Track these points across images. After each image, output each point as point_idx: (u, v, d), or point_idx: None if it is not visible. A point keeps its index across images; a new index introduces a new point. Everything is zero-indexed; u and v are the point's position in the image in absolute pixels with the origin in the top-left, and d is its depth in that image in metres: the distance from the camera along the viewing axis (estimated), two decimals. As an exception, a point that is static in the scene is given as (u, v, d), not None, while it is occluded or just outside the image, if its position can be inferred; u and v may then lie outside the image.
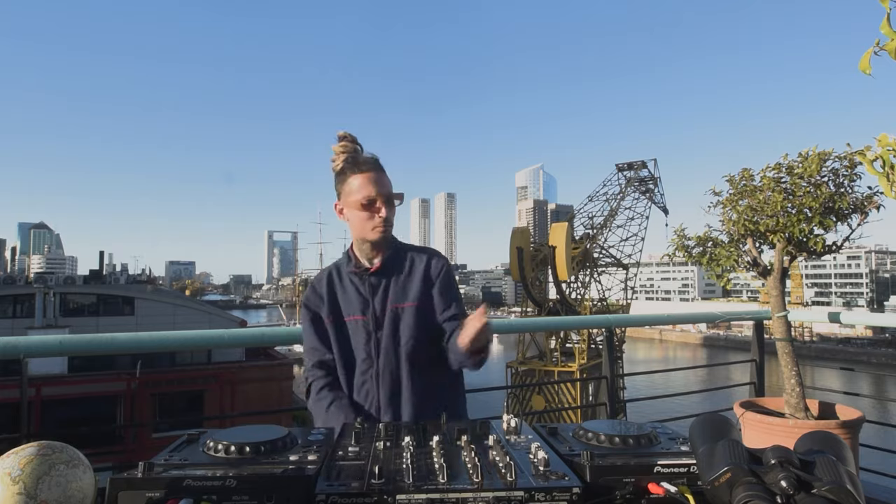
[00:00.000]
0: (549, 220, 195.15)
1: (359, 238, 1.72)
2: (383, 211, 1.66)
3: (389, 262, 1.72)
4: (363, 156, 1.71)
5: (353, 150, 1.72)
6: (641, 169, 30.88)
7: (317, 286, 1.78)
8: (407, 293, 1.69)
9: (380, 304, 1.68)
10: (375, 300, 1.69)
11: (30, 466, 0.82)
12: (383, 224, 1.67)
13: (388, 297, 1.69)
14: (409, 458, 0.86)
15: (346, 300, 1.71)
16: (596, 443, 1.01)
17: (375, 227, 1.67)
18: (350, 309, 1.70)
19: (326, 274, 1.80)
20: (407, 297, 1.68)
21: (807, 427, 3.00)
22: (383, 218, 1.66)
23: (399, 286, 1.70)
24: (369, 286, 1.70)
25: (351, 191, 1.66)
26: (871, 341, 64.85)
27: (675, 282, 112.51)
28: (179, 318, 22.27)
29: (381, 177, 1.69)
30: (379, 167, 1.70)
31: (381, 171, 1.70)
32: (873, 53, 1.61)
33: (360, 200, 1.65)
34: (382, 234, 1.68)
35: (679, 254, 3.64)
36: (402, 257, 1.75)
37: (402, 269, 1.72)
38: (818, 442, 0.79)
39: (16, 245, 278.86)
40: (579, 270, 28.21)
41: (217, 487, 0.80)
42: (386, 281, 1.70)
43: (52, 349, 2.16)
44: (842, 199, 3.05)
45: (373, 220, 1.66)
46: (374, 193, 1.65)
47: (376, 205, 1.66)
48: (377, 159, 1.72)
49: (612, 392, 3.30)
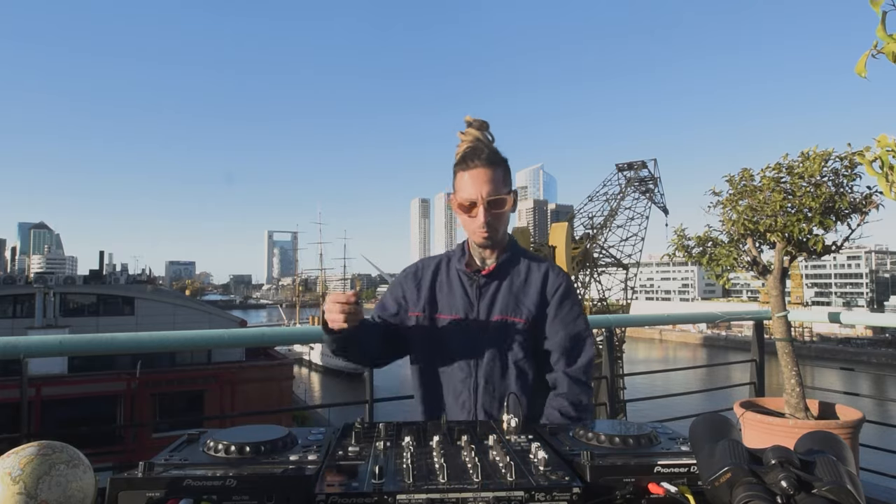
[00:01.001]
0: (549, 219, 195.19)
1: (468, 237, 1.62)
2: (481, 216, 1.51)
3: (504, 266, 1.60)
4: (480, 148, 1.56)
5: (476, 140, 1.59)
6: (641, 169, 30.87)
7: (420, 274, 1.65)
8: (519, 306, 1.56)
9: (485, 311, 1.55)
10: (481, 305, 1.56)
11: (30, 466, 0.82)
12: (484, 229, 1.52)
13: (495, 305, 1.56)
14: (410, 458, 0.86)
15: (448, 296, 1.59)
16: (596, 443, 1.01)
17: (476, 232, 1.55)
18: (450, 307, 1.57)
19: (434, 263, 1.67)
20: (518, 310, 1.55)
21: (807, 427, 3.00)
22: (482, 223, 1.52)
23: (511, 296, 1.57)
24: (477, 288, 1.57)
25: (456, 188, 1.56)
26: (871, 341, 64.82)
27: (675, 282, 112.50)
28: (179, 318, 22.28)
29: (489, 175, 1.52)
30: (491, 163, 1.53)
31: (490, 168, 1.53)
32: (871, 56, 1.61)
33: (459, 202, 1.55)
34: (484, 239, 1.55)
35: (679, 254, 3.64)
36: (517, 264, 1.61)
37: (516, 278, 1.59)
38: (818, 442, 0.79)
39: (16, 245, 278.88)
40: (579, 270, 28.21)
41: (217, 487, 0.80)
42: (496, 287, 1.58)
43: (52, 349, 2.16)
44: (841, 199, 3.05)
45: (473, 223, 1.54)
46: (473, 196, 1.51)
47: (476, 207, 1.53)
48: (492, 153, 1.55)
49: (612, 392, 3.31)
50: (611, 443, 1.00)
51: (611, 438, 1.00)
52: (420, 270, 1.67)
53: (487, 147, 1.58)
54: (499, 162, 1.55)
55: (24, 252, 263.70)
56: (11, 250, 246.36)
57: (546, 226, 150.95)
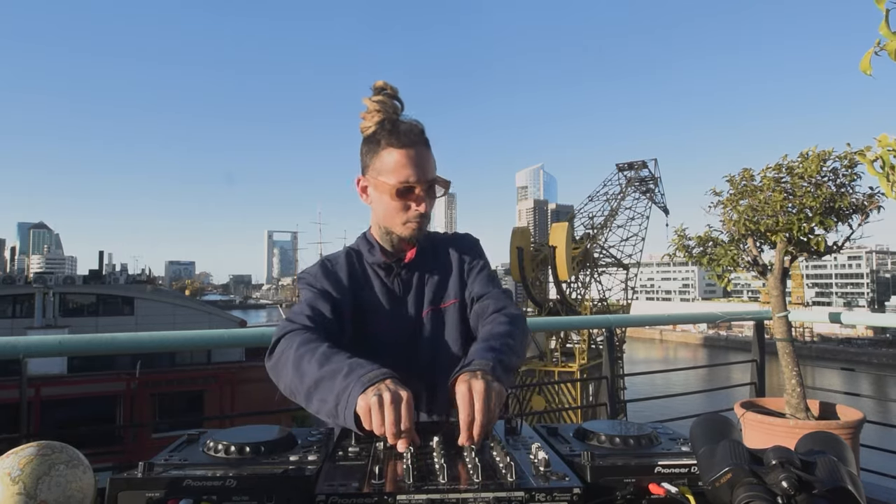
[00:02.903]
0: (550, 219, 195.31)
1: (383, 226, 1.37)
2: (423, 204, 1.30)
3: (423, 253, 1.40)
4: (405, 121, 1.32)
5: (393, 109, 1.33)
6: (642, 169, 30.88)
7: (333, 267, 1.38)
8: (447, 290, 1.39)
9: (414, 305, 1.37)
10: (409, 299, 1.37)
11: (29, 466, 0.82)
12: (419, 219, 1.32)
13: (423, 297, 1.38)
14: (410, 459, 0.85)
15: (370, 295, 1.36)
16: (596, 443, 1.01)
17: (408, 222, 1.32)
18: (375, 309, 1.35)
19: (345, 255, 1.41)
20: (447, 294, 1.39)
21: (808, 427, 3.00)
22: (422, 211, 1.30)
23: (437, 283, 1.39)
24: (400, 283, 1.38)
25: (383, 168, 1.28)
26: (872, 341, 64.84)
27: (675, 282, 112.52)
28: (179, 318, 22.29)
29: (426, 155, 1.30)
30: (424, 141, 1.31)
31: (426, 147, 1.31)
32: (874, 54, 1.61)
33: (394, 185, 1.27)
34: (416, 230, 1.33)
35: (679, 254, 3.64)
36: (434, 248, 1.44)
37: (436, 262, 1.42)
38: (819, 442, 0.79)
39: (15, 245, 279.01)
40: (579, 270, 28.21)
41: (217, 488, 0.80)
42: (419, 277, 1.39)
43: (51, 349, 2.16)
44: (842, 199, 3.05)
45: (406, 213, 1.31)
46: (413, 179, 1.27)
47: (415, 193, 1.29)
48: (423, 129, 1.32)
49: (613, 392, 3.30)
50: (611, 443, 1.00)
51: (611, 439, 1.00)
52: (334, 266, 1.39)
53: (418, 124, 1.33)
54: (428, 140, 1.34)
55: (23, 252, 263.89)
56: (11, 250, 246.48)
57: (546, 226, 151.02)
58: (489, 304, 1.34)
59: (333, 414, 1.01)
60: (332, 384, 1.01)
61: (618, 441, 0.99)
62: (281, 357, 1.14)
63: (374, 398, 0.92)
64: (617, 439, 1.00)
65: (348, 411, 0.96)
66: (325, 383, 1.02)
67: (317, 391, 1.04)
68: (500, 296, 1.38)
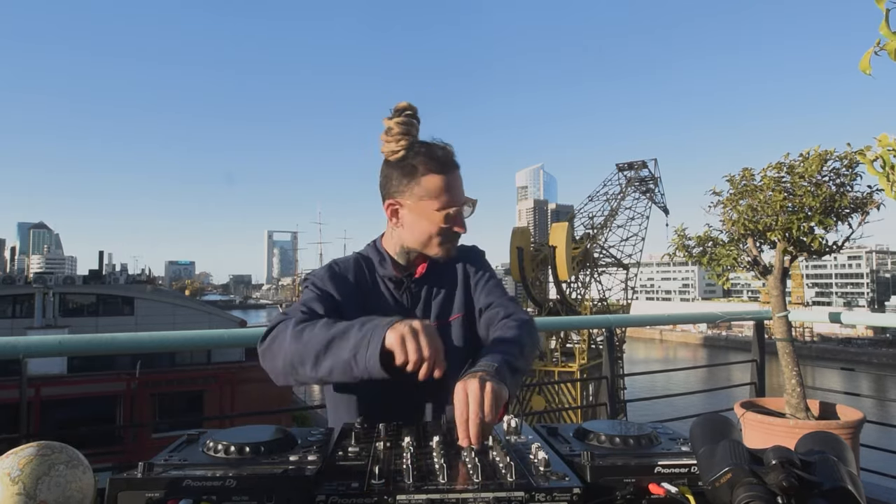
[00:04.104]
0: (550, 219, 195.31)
1: (409, 247, 1.38)
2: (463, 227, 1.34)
3: (431, 267, 1.42)
4: (438, 145, 1.33)
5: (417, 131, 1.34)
6: (642, 169, 30.88)
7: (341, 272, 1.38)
8: (454, 304, 1.41)
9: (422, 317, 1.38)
10: (416, 313, 1.39)
11: (29, 467, 0.82)
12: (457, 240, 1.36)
13: (430, 311, 1.40)
14: (410, 459, 0.85)
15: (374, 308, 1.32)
16: (596, 443, 1.01)
17: (445, 245, 1.35)
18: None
19: (354, 262, 1.41)
20: (453, 308, 1.41)
21: (808, 427, 3.00)
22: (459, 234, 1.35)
23: (443, 297, 1.41)
24: (409, 296, 1.39)
25: (426, 193, 1.30)
26: (872, 341, 64.85)
27: (675, 282, 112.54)
28: (179, 318, 22.29)
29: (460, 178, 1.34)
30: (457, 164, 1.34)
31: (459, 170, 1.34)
32: (874, 54, 1.61)
33: (442, 210, 1.30)
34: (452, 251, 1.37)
35: (679, 254, 3.64)
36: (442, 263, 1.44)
37: (443, 276, 1.44)
38: (819, 442, 0.79)
39: (15, 245, 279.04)
40: (579, 270, 28.21)
41: (217, 488, 0.79)
42: (427, 291, 1.41)
43: (51, 349, 2.15)
44: (842, 198, 3.05)
45: (446, 236, 1.33)
46: (457, 202, 1.31)
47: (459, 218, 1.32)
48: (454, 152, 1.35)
49: (613, 392, 3.30)
50: (611, 443, 1.00)
51: (611, 439, 1.00)
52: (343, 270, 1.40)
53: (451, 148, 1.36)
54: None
55: (23, 252, 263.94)
56: (11, 250, 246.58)
57: (546, 226, 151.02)
58: (499, 311, 1.37)
59: (351, 365, 1.03)
60: (346, 339, 1.05)
61: (618, 441, 0.99)
62: (276, 338, 1.16)
63: (406, 327, 0.99)
64: (617, 439, 0.99)
65: (371, 352, 1.00)
66: (337, 342, 1.06)
67: (328, 351, 1.07)
68: (509, 303, 1.41)
